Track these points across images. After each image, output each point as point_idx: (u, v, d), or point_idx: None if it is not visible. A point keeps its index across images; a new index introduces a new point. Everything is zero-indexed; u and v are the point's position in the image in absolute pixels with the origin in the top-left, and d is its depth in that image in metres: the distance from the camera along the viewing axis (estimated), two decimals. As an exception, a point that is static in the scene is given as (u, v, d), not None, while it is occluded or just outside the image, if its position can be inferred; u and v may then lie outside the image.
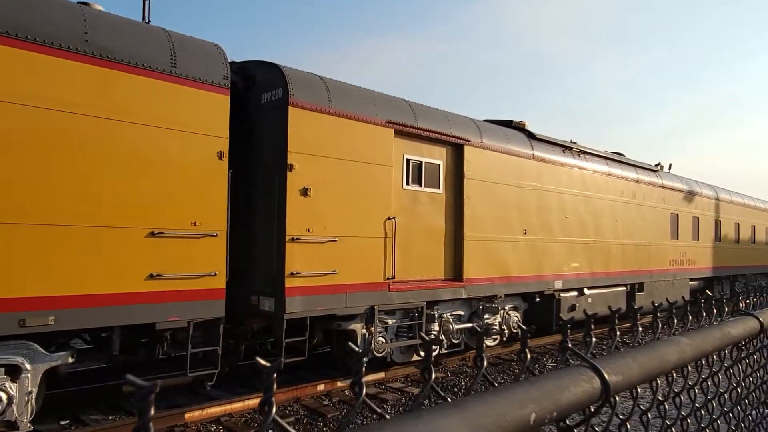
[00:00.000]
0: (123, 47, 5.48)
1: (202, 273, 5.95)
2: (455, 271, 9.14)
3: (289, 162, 6.77)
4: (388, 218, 7.97)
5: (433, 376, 0.87)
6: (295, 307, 6.79)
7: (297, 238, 6.81)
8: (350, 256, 7.44)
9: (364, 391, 0.77)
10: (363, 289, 7.59)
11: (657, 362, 1.12)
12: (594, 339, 1.21)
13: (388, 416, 0.68)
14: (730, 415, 1.74)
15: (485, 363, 0.88)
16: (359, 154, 7.58)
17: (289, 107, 6.79)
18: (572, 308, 11.58)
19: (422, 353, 8.93)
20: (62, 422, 6.32)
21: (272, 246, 6.91)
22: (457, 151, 9.20)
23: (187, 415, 6.40)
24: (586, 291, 11.92)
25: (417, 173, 8.60)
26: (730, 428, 1.73)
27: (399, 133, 8.24)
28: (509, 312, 10.58)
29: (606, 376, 0.93)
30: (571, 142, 12.27)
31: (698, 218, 16.92)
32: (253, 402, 6.85)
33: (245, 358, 7.73)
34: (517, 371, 9.67)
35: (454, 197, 9.15)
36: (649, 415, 1.28)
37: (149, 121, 5.62)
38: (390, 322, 8.42)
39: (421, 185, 8.64)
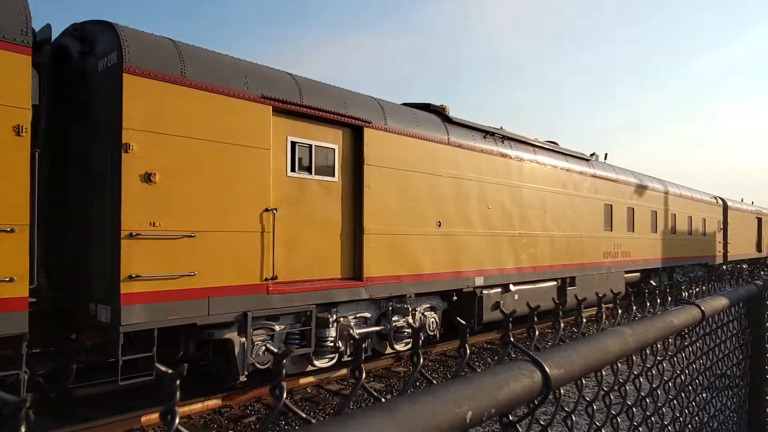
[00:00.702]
0: None
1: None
2: (354, 268, 8.13)
3: (124, 141, 5.56)
4: (267, 210, 6.86)
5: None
6: (135, 317, 5.60)
7: (137, 234, 5.62)
8: (215, 255, 6.30)
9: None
10: (232, 292, 6.47)
11: (599, 354, 1.10)
12: (537, 332, 1.13)
13: (313, 420, 0.62)
14: (675, 402, 1.75)
15: (421, 360, 0.82)
16: (225, 134, 6.43)
17: (124, 74, 5.58)
18: (496, 306, 10.78)
19: (317, 363, 7.90)
20: None
21: (106, 243, 5.71)
22: (355, 134, 8.17)
23: (143, 419, 6.22)
24: (511, 287, 11.14)
25: (305, 159, 7.52)
26: (674, 414, 1.73)
27: (280, 112, 7.13)
28: (425, 313, 9.67)
29: (547, 369, 0.90)
30: (501, 129, 11.45)
31: (634, 209, 16.46)
32: (213, 403, 6.99)
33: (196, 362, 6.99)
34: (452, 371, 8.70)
35: (353, 186, 8.12)
36: (595, 406, 1.27)
37: None
38: (277, 328, 7.34)
39: (310, 172, 7.57)
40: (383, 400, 0.69)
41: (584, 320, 1.43)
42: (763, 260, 31.95)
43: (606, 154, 17.15)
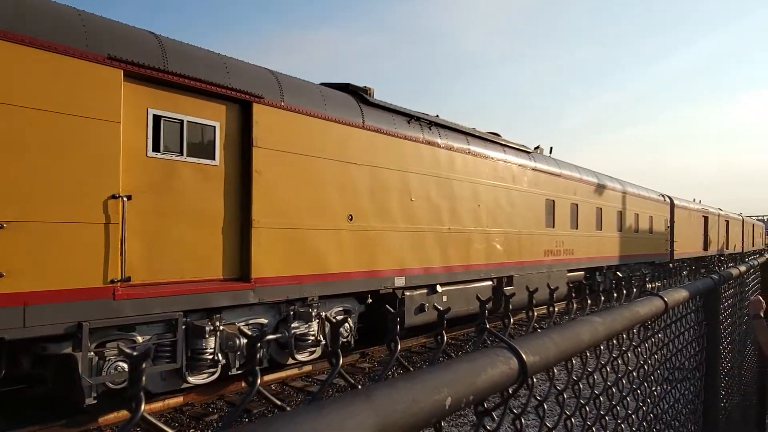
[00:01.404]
0: None
1: None
2: (241, 268, 6.96)
3: None
4: (114, 197, 5.61)
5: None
6: None
7: None
8: (33, 251, 5.03)
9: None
10: (60, 298, 5.21)
11: (572, 342, 1.12)
12: (512, 320, 1.18)
13: (288, 408, 0.60)
14: (638, 391, 1.78)
15: (399, 346, 0.82)
16: (51, 102, 5.15)
17: None
18: (421, 309, 9.81)
19: (192, 379, 6.70)
20: None
21: None
22: (243, 110, 6.99)
23: (101, 419, 6.05)
24: (439, 288, 10.18)
25: (174, 137, 6.30)
26: (638, 404, 1.76)
27: (135, 78, 5.89)
28: (335, 317, 8.57)
29: (524, 356, 0.91)
30: (429, 115, 10.45)
31: (578, 205, 15.78)
32: (174, 401, 6.80)
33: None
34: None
35: (239, 172, 6.95)
36: (565, 395, 1.29)
37: None
38: (140, 339, 6.10)
39: (181, 153, 6.35)
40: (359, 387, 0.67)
41: (555, 310, 1.49)
42: (710, 259, 30.94)
43: (551, 148, 16.46)
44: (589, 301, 1.67)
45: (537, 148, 15.42)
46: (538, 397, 1.17)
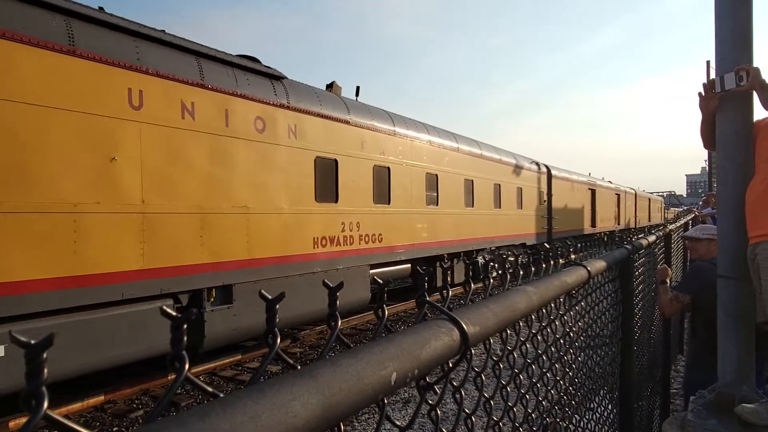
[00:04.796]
0: None
1: None
2: None
3: None
4: None
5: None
6: None
7: None
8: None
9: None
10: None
11: (509, 311, 1.13)
12: (450, 293, 1.07)
13: (221, 394, 0.51)
14: (565, 358, 1.85)
15: (339, 323, 0.74)
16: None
17: None
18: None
19: None
20: None
21: None
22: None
23: (11, 423, 5.61)
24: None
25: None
26: (565, 370, 1.84)
27: None
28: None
29: (465, 327, 0.90)
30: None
31: (389, 169, 10.60)
32: (94, 400, 6.40)
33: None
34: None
35: None
36: (501, 365, 1.30)
37: None
38: None
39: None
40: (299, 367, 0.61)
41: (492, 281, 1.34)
42: (599, 236, 26.80)
43: (357, 87, 11.02)
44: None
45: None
46: (476, 369, 1.18)
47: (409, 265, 11.34)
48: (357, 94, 10.95)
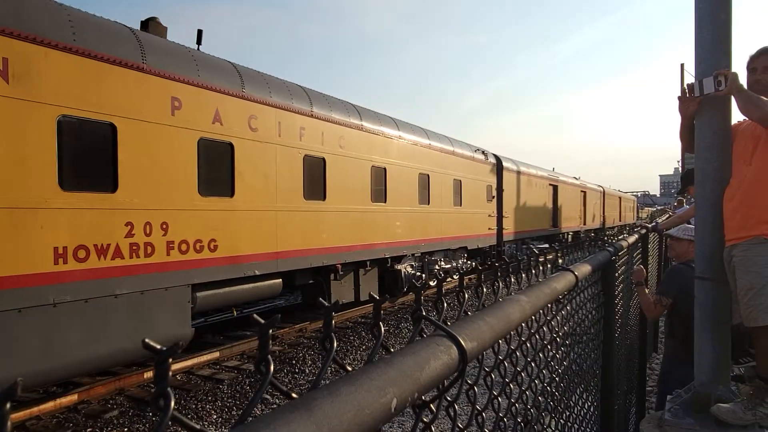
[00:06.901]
0: None
1: None
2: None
3: None
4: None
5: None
6: None
7: None
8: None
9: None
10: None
11: (504, 323, 1.11)
12: (446, 305, 1.02)
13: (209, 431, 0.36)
14: (552, 363, 1.86)
15: (335, 345, 0.70)
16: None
17: None
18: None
19: None
20: None
21: None
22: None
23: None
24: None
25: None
26: (552, 376, 1.83)
27: None
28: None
29: (463, 343, 0.87)
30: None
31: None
32: (67, 400, 6.24)
33: None
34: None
35: None
36: (493, 375, 1.28)
37: None
38: None
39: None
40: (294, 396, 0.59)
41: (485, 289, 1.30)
42: (561, 238, 23.52)
43: (200, 31, 8.06)
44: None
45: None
46: (469, 381, 1.16)
47: (279, 281, 8.51)
48: (199, 41, 7.94)
